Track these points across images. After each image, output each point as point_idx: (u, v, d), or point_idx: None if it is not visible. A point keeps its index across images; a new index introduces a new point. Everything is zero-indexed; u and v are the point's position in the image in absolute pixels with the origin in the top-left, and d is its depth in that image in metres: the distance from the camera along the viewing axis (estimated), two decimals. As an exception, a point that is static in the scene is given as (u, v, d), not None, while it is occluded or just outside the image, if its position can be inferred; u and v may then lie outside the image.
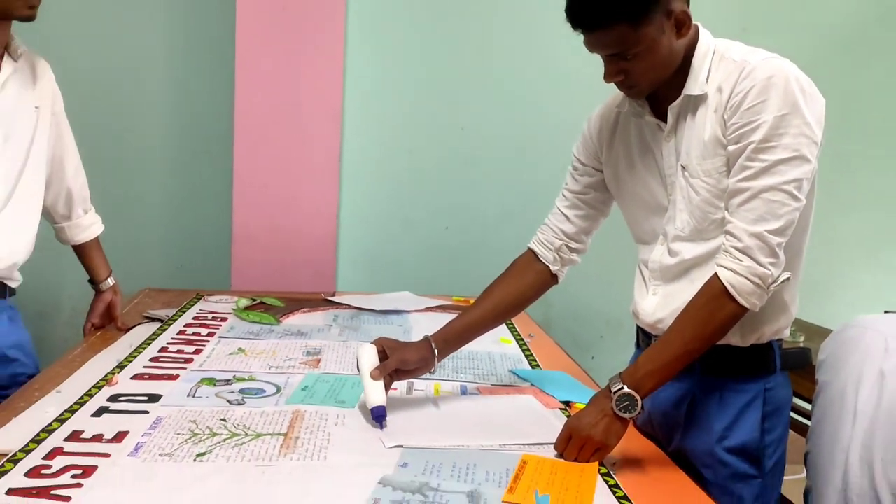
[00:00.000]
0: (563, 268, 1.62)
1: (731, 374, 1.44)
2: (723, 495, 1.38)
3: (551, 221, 1.62)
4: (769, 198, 1.28)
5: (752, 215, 1.29)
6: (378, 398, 1.40)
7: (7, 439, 1.27)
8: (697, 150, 1.36)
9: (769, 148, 1.27)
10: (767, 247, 1.28)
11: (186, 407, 1.46)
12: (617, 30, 1.27)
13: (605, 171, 1.56)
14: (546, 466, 1.28)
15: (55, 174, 1.85)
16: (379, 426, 1.38)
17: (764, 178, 1.28)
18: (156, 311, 2.15)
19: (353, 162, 2.85)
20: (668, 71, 1.35)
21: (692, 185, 1.38)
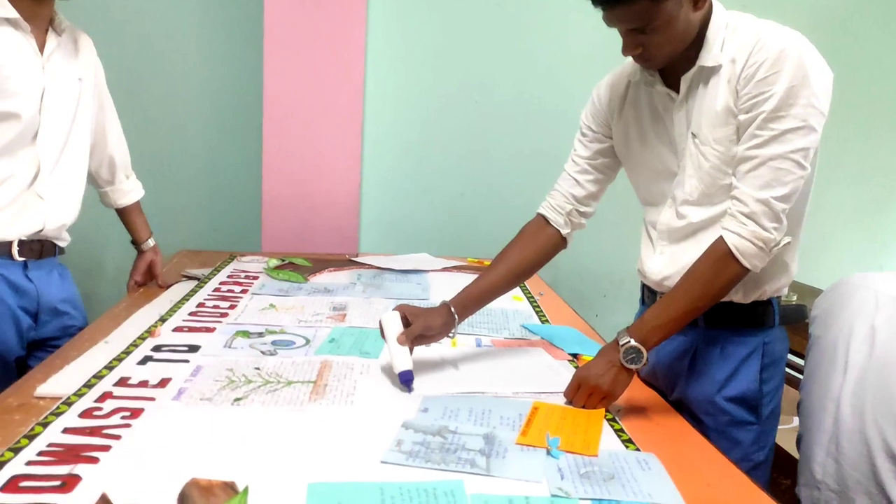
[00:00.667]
0: (573, 231, 1.60)
1: (733, 328, 1.44)
2: (722, 440, 1.39)
3: (561, 187, 1.60)
4: (776, 165, 1.26)
5: (759, 182, 1.27)
6: (405, 363, 1.38)
7: (62, 384, 1.29)
8: (709, 118, 1.34)
9: (779, 118, 1.25)
10: (772, 212, 1.27)
11: (223, 357, 1.47)
12: (638, 5, 1.24)
13: (614, 139, 1.54)
14: (556, 412, 1.29)
15: (98, 142, 1.86)
16: (407, 389, 1.37)
17: (772, 146, 1.26)
18: (193, 270, 2.16)
19: (374, 133, 2.83)
20: (685, 44, 1.32)
21: (702, 152, 1.36)
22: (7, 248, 1.58)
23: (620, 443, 1.20)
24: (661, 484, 1.05)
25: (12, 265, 1.59)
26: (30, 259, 1.63)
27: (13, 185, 1.57)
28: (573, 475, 1.06)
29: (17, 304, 1.60)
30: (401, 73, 2.86)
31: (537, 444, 1.16)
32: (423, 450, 1.11)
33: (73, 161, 1.71)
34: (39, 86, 1.59)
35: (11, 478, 0.97)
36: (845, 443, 1.30)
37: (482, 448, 1.13)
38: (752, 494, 1.09)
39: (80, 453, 1.04)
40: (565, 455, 1.13)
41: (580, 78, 2.85)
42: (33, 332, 1.65)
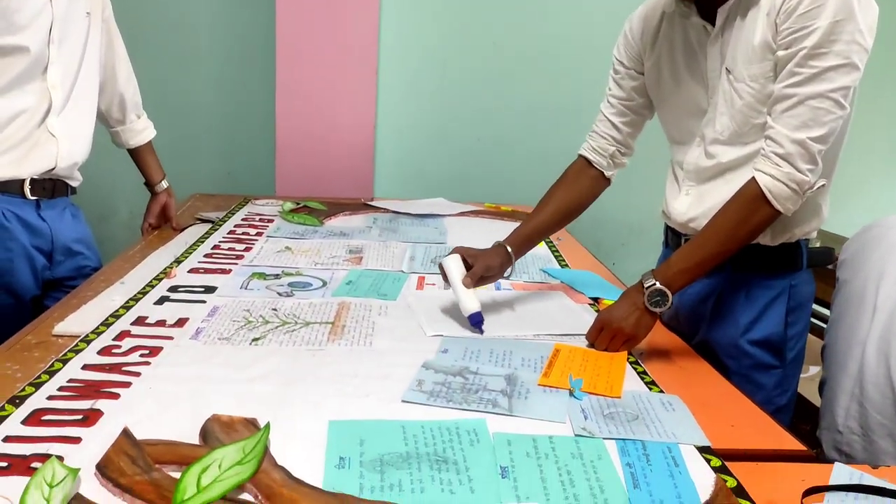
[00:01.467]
0: (615, 170, 1.59)
1: (760, 271, 1.41)
2: (745, 383, 1.37)
3: (600, 129, 1.57)
4: (815, 105, 1.21)
5: (795, 122, 1.22)
6: (474, 305, 1.37)
7: (79, 322, 1.30)
8: (745, 53, 1.28)
9: (821, 54, 1.19)
10: (808, 153, 1.22)
11: (240, 298, 1.47)
12: None
13: (645, 74, 1.50)
14: (578, 354, 1.28)
15: (108, 79, 1.83)
16: (478, 331, 1.36)
17: (812, 84, 1.20)
18: (207, 213, 2.15)
19: (389, 76, 2.78)
20: None
21: (736, 89, 1.31)
22: (19, 187, 1.57)
23: (644, 385, 1.19)
24: (686, 424, 1.05)
25: (25, 204, 1.58)
26: (42, 198, 1.62)
27: (24, 121, 1.55)
28: (597, 415, 1.06)
29: (31, 243, 1.59)
30: (417, 14, 2.79)
31: (560, 385, 1.15)
32: (444, 390, 1.11)
33: (83, 98, 1.69)
34: (47, 19, 1.56)
35: (34, 411, 0.97)
36: (870, 386, 1.29)
37: (504, 389, 1.13)
38: (776, 435, 1.08)
39: (101, 389, 1.05)
40: (588, 396, 1.12)
41: (602, 19, 2.79)
42: (48, 271, 1.65)
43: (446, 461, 0.92)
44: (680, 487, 0.89)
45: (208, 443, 0.91)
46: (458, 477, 0.89)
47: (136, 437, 0.91)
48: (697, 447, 0.99)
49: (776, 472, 0.95)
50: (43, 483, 0.79)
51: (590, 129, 1.60)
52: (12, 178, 1.56)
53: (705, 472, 0.93)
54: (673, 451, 0.97)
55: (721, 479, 0.91)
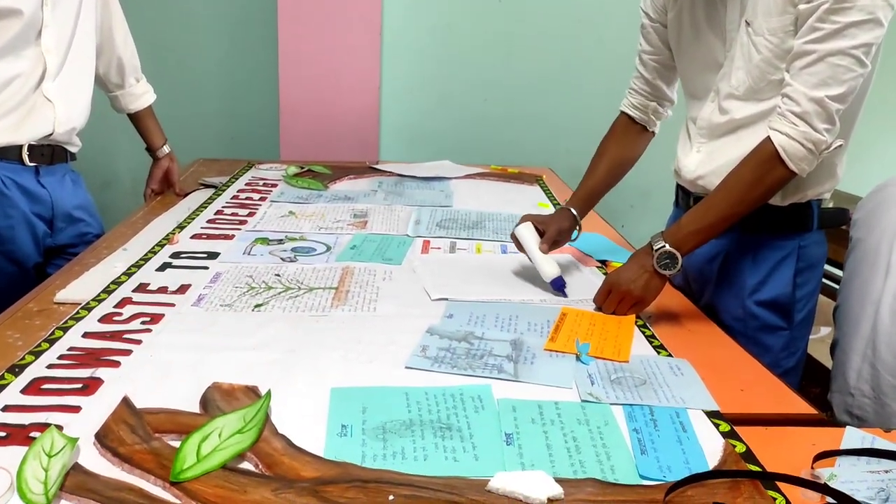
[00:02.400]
0: (658, 122, 1.59)
1: (768, 232, 1.37)
2: (751, 345, 1.34)
3: (636, 85, 1.56)
4: (835, 62, 1.16)
5: (814, 79, 1.17)
6: (554, 269, 1.38)
7: (81, 290, 1.28)
8: (765, 5, 1.23)
9: (843, 9, 1.13)
10: (826, 112, 1.18)
11: (243, 263, 1.45)
12: None
13: (668, 26, 1.45)
14: (585, 318, 1.26)
15: (105, 42, 1.79)
16: (562, 294, 1.37)
17: (833, 40, 1.15)
18: (210, 178, 2.12)
19: (393, 37, 2.73)
20: None
21: (754, 42, 1.26)
22: (17, 153, 1.55)
23: (652, 349, 1.17)
24: (694, 389, 1.03)
25: (23, 170, 1.56)
26: (41, 164, 1.59)
27: (19, 86, 1.52)
28: (604, 381, 1.04)
29: (31, 210, 1.57)
30: (421, -27, 2.73)
31: (566, 350, 1.13)
32: (448, 355, 1.09)
33: (79, 61, 1.65)
34: (40, -20, 1.52)
35: (33, 380, 0.96)
36: (883, 347, 1.26)
37: (509, 354, 1.11)
38: (786, 398, 1.06)
39: (101, 357, 1.04)
40: (595, 361, 1.10)
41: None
42: (49, 238, 1.63)
43: (450, 428, 0.91)
44: (688, 453, 0.88)
45: (209, 411, 0.90)
46: (462, 444, 0.87)
47: (136, 406, 0.90)
48: (706, 412, 0.97)
49: (786, 436, 0.94)
50: (41, 453, 0.78)
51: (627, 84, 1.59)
52: (10, 145, 1.53)
53: (714, 437, 0.91)
54: (681, 416, 0.95)
55: (730, 445, 0.89)
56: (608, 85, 2.89)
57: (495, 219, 1.82)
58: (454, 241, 1.65)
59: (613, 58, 2.83)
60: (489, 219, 1.82)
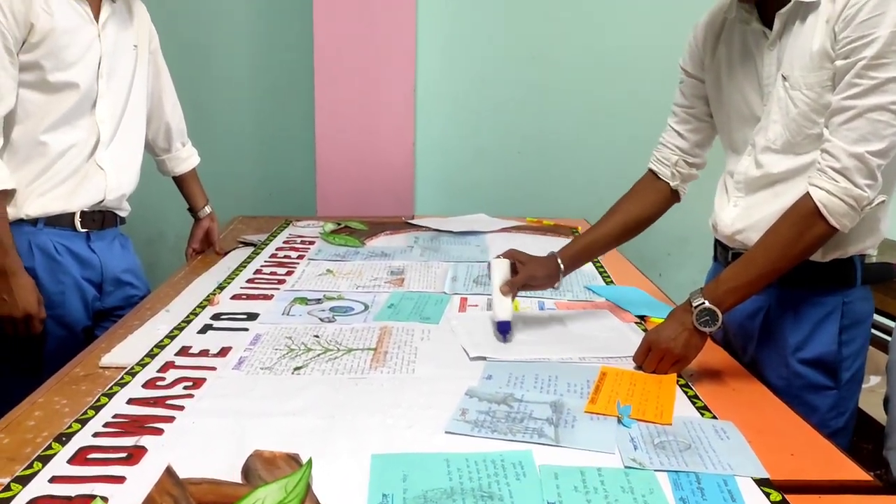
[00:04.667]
0: (683, 184, 1.54)
1: (809, 287, 1.34)
2: (797, 405, 1.29)
3: (665, 139, 1.54)
4: (875, 118, 1.15)
5: (854, 135, 1.17)
6: (504, 313, 1.39)
7: (125, 354, 1.31)
8: (802, 60, 1.23)
9: (881, 65, 1.14)
10: (867, 168, 1.17)
11: (282, 324, 1.46)
12: None
13: (706, 81, 1.46)
14: (625, 378, 1.24)
15: (155, 109, 1.85)
16: (502, 338, 1.38)
17: (872, 96, 1.15)
18: (249, 236, 2.16)
19: (427, 92, 2.77)
20: None
21: (791, 97, 1.26)
22: (70, 220, 1.60)
23: (695, 410, 1.14)
24: (742, 454, 1.00)
25: (75, 236, 1.61)
26: (92, 230, 1.64)
27: (74, 155, 1.58)
28: (647, 445, 1.02)
29: (82, 274, 1.62)
30: (454, 29, 2.78)
31: (607, 412, 1.11)
32: (488, 419, 1.08)
33: (131, 130, 1.71)
34: (96, 54, 1.59)
35: (79, 449, 0.97)
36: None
37: (550, 417, 1.09)
38: (840, 463, 1.02)
39: (145, 424, 1.04)
40: (637, 424, 1.08)
41: (643, 31, 2.76)
42: (98, 302, 1.67)
43: (492, 497, 0.89)
44: (737, 524, 0.85)
45: (250, 481, 0.90)
46: (505, 515, 0.86)
47: (179, 476, 0.90)
48: (755, 479, 0.94)
49: (840, 505, 0.90)
50: (87, 526, 0.79)
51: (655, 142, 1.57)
52: (63, 212, 1.58)
53: (764, 507, 0.88)
54: (729, 484, 0.93)
55: (781, 515, 0.86)
56: (641, 136, 2.88)
57: (532, 274, 1.82)
58: (491, 299, 1.64)
59: (647, 110, 2.83)
60: (525, 274, 1.82)
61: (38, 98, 1.53)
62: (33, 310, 1.52)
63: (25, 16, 1.47)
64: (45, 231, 1.58)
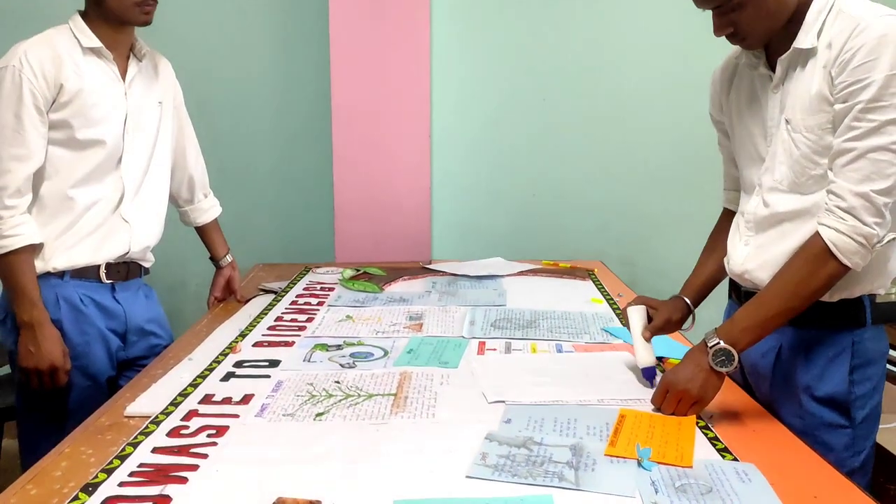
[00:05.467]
0: None
1: (819, 327, 1.34)
2: (813, 444, 1.28)
3: (727, 183, 1.58)
4: (876, 157, 1.18)
5: (857, 175, 1.19)
6: (650, 359, 1.41)
7: (149, 403, 1.32)
8: (803, 104, 1.27)
9: (878, 108, 1.17)
10: (873, 207, 1.19)
11: (303, 371, 1.48)
12: None
13: (724, 120, 1.50)
14: (644, 420, 1.24)
15: (178, 162, 1.90)
16: (649, 384, 1.39)
17: (871, 138, 1.18)
18: (270, 283, 2.19)
19: (442, 137, 2.82)
20: (777, 21, 1.26)
21: (794, 139, 1.29)
22: (95, 272, 1.64)
23: (716, 452, 1.14)
24: (765, 498, 1.00)
25: (101, 288, 1.64)
26: (117, 281, 1.68)
27: (100, 209, 1.62)
28: (668, 489, 1.02)
29: (107, 325, 1.65)
30: (467, 75, 2.83)
31: (627, 455, 1.11)
32: (508, 463, 1.09)
33: (155, 183, 1.76)
34: (122, 111, 1.65)
35: (106, 499, 0.99)
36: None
37: (570, 460, 1.10)
38: (864, 505, 1.02)
39: (170, 473, 1.06)
40: (658, 466, 1.08)
41: (651, 73, 2.80)
42: (122, 352, 1.70)
43: (513, 543, 0.89)
44: (761, 568, 0.84)
45: (274, 529, 0.91)
46: (527, 560, 0.86)
47: (204, 524, 0.91)
48: (778, 522, 0.94)
49: (865, 548, 0.89)
50: (115, 576, 0.80)
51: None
52: (89, 265, 1.62)
53: (788, 550, 0.88)
54: (751, 527, 0.92)
55: (805, 558, 0.86)
56: (654, 175, 2.93)
57: (549, 317, 1.83)
58: (509, 342, 1.66)
59: (659, 151, 2.87)
60: (543, 317, 1.83)
61: (66, 155, 1.58)
62: (59, 362, 1.55)
63: (56, 77, 1.53)
64: (71, 283, 1.61)
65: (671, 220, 2.86)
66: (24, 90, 1.51)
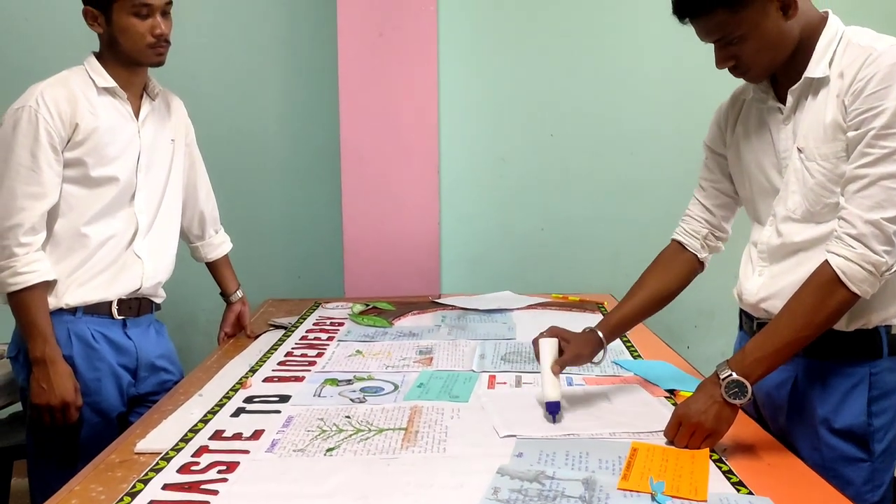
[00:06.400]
0: (709, 255, 1.58)
1: (834, 358, 1.34)
2: (830, 478, 1.25)
3: (693, 212, 1.57)
4: (888, 185, 1.19)
5: (868, 202, 1.20)
6: (554, 393, 1.39)
7: (160, 439, 1.32)
8: (816, 133, 1.28)
9: (891, 135, 1.18)
10: (883, 234, 1.19)
11: (314, 406, 1.48)
12: (717, 15, 1.24)
13: (728, 157, 1.51)
14: (657, 453, 1.23)
15: (189, 199, 1.92)
16: (552, 419, 1.38)
17: (883, 165, 1.19)
18: (280, 319, 2.19)
19: (450, 172, 2.84)
20: (780, 53, 1.28)
21: (808, 168, 1.30)
22: (107, 308, 1.65)
23: (730, 486, 1.13)
24: (780, 530, 0.98)
25: (112, 324, 1.65)
26: (128, 317, 1.68)
27: (113, 246, 1.64)
28: (682, 523, 1.00)
29: (118, 361, 1.66)
30: (475, 111, 2.86)
31: (640, 489, 1.10)
32: (520, 497, 1.08)
33: (167, 220, 1.78)
34: (136, 149, 1.67)
35: (116, 536, 0.98)
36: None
37: (582, 494, 1.09)
38: (883, 540, 1.00)
39: (181, 510, 1.05)
40: (672, 501, 1.07)
41: (659, 108, 2.82)
42: (133, 388, 1.70)
43: (527, 579, 0.88)
44: None
45: (285, 565, 0.90)
46: None
47: (215, 561, 0.90)
48: (795, 556, 0.92)
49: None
50: None
51: (682, 215, 1.60)
52: (101, 301, 1.63)
53: (806, 585, 0.86)
54: (768, 562, 0.91)
55: None
56: (662, 211, 2.92)
57: (559, 350, 1.82)
58: (519, 375, 1.65)
59: (666, 185, 2.87)
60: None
61: (80, 192, 1.61)
62: (70, 398, 1.55)
63: (71, 116, 1.56)
64: (83, 319, 1.62)
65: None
66: (40, 129, 1.53)
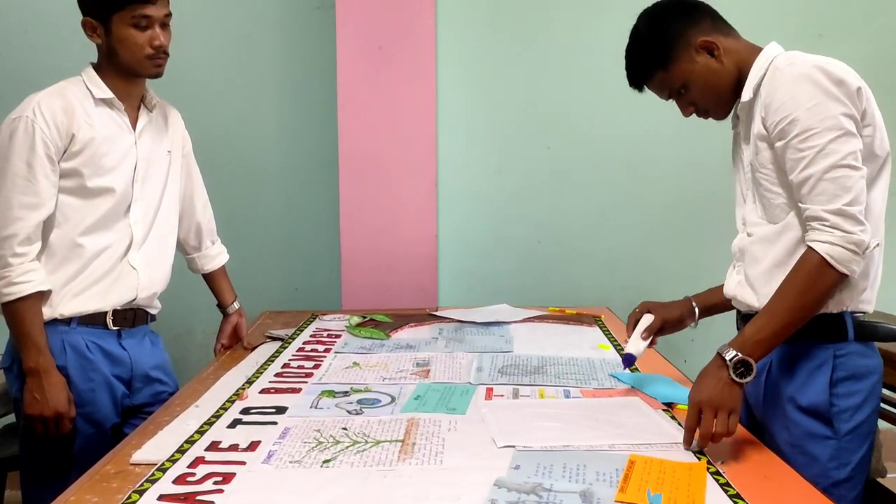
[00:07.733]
0: None
1: (802, 342, 1.41)
2: (797, 455, 1.37)
3: None
4: (833, 176, 1.28)
5: (824, 197, 1.29)
6: (636, 348, 1.63)
7: (155, 450, 1.32)
8: (753, 145, 1.43)
9: (814, 134, 1.29)
10: (850, 217, 1.28)
11: (310, 417, 1.47)
12: (656, 76, 1.46)
13: None
14: (654, 466, 1.23)
15: (186, 210, 1.92)
16: (624, 367, 1.64)
17: (819, 161, 1.28)
18: (276, 330, 2.19)
19: (448, 185, 2.85)
20: (723, 89, 1.45)
21: (756, 178, 1.44)
22: (102, 318, 1.64)
23: (728, 498, 1.13)
24: (778, 543, 0.98)
25: (107, 334, 1.65)
26: (123, 328, 1.68)
27: (108, 256, 1.64)
28: (680, 535, 1.00)
29: (112, 372, 1.65)
30: (472, 124, 2.88)
31: (638, 501, 1.10)
32: (517, 510, 1.07)
33: (163, 230, 1.78)
34: (132, 160, 1.67)
35: (111, 547, 0.98)
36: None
37: (580, 507, 1.08)
38: (881, 553, 1.00)
39: (176, 521, 1.05)
40: (669, 513, 1.07)
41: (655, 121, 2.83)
42: (128, 399, 1.69)
43: (524, 591, 0.88)
44: None
45: (281, 577, 0.90)
46: None
47: (211, 573, 0.90)
48: (793, 569, 0.92)
49: None
50: None
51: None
52: (96, 311, 1.63)
53: None
54: (766, 574, 0.91)
55: None
56: (659, 223, 2.95)
57: (556, 363, 1.82)
58: (517, 388, 1.65)
59: (662, 197, 2.89)
60: (550, 363, 1.82)
61: (76, 203, 1.61)
62: (63, 409, 1.55)
63: (68, 127, 1.57)
64: (77, 330, 1.62)
65: (677, 266, 2.86)
66: (36, 140, 1.54)
